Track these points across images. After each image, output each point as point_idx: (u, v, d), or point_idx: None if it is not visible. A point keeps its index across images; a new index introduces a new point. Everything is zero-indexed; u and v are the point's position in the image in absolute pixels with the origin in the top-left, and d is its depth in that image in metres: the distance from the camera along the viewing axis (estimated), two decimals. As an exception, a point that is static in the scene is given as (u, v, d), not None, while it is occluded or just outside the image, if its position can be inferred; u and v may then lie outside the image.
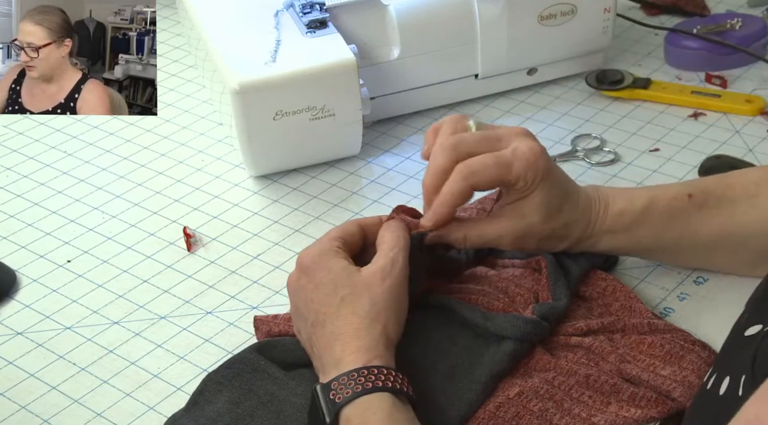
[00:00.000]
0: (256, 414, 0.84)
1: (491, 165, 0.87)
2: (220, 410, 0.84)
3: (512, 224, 0.91)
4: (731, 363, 0.73)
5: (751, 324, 0.74)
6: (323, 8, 1.17)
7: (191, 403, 0.86)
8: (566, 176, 0.92)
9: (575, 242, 0.93)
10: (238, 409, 0.84)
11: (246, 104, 1.09)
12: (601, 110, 1.24)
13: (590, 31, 1.25)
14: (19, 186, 1.18)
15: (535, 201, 0.89)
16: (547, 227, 0.91)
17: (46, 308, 1.01)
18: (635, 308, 0.92)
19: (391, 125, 1.24)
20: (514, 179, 0.88)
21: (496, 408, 0.83)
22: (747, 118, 1.20)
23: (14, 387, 0.92)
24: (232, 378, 0.86)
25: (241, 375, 0.87)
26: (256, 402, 0.84)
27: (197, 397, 0.86)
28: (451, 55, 1.21)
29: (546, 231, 0.91)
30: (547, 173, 0.89)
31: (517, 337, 0.86)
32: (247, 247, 1.07)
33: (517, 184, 0.88)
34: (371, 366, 0.79)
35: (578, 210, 0.92)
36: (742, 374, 0.69)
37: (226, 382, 0.86)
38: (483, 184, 0.88)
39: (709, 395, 0.74)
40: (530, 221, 0.90)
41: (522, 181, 0.88)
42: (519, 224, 0.90)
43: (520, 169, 0.87)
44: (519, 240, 0.91)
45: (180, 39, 1.43)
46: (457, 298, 0.91)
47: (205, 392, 0.86)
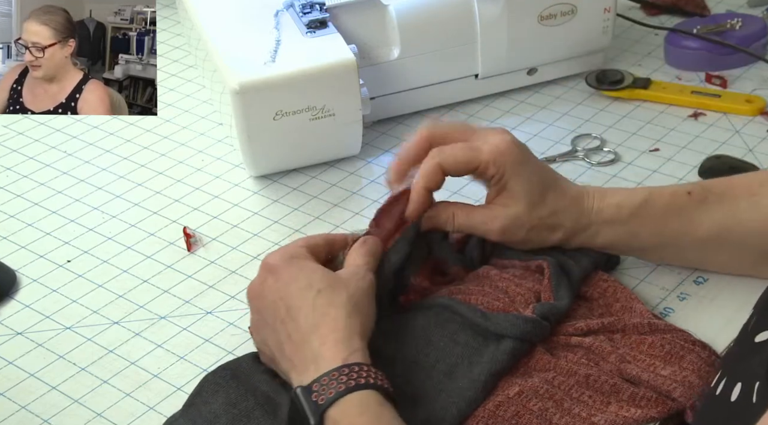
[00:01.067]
0: (252, 415, 0.83)
1: (461, 147, 0.91)
2: (216, 411, 0.84)
3: (497, 213, 0.92)
4: (742, 368, 0.72)
5: (762, 328, 0.74)
6: (323, 8, 1.17)
7: (188, 404, 0.86)
8: (546, 167, 0.94)
9: (570, 233, 0.93)
10: (234, 410, 0.84)
11: (246, 104, 1.09)
12: (601, 110, 1.24)
13: (590, 31, 1.25)
14: (19, 186, 1.18)
15: (515, 190, 0.91)
16: (533, 216, 0.92)
17: (46, 308, 1.01)
18: (635, 309, 0.92)
19: (391, 125, 1.24)
20: (484, 165, 0.90)
21: (496, 407, 0.83)
22: (747, 118, 1.20)
23: (14, 387, 0.92)
24: (229, 379, 0.86)
25: (238, 377, 0.87)
26: (253, 403, 0.84)
27: (194, 398, 0.86)
28: (451, 55, 1.21)
29: (533, 220, 0.92)
30: (521, 162, 0.91)
31: (517, 336, 0.86)
32: (247, 247, 1.07)
33: (488, 170, 0.90)
34: (352, 364, 0.78)
35: (566, 198, 0.92)
36: (755, 381, 0.68)
37: (223, 383, 0.86)
38: (451, 165, 0.90)
39: (720, 400, 0.73)
40: (513, 210, 0.92)
41: (492, 167, 0.90)
42: (503, 213, 0.92)
43: (489, 155, 0.90)
44: (506, 230, 0.92)
45: (180, 39, 1.43)
46: (458, 298, 0.91)
47: (203, 393, 0.86)
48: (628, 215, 0.93)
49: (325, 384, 0.77)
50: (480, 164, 0.90)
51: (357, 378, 0.76)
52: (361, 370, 0.77)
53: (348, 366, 0.77)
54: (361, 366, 0.78)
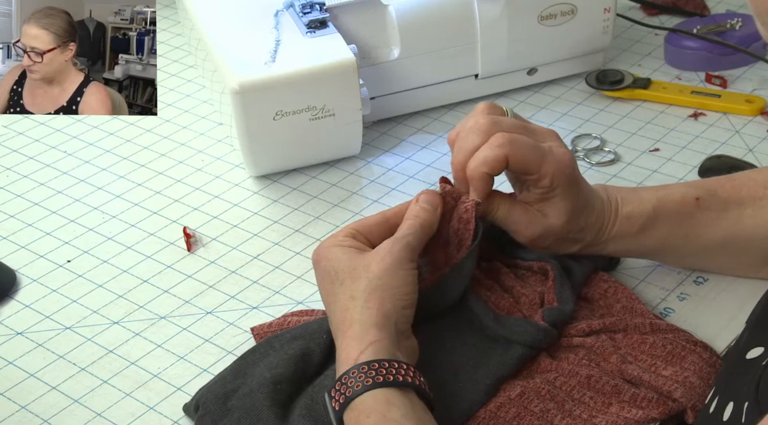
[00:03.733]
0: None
1: (529, 145, 0.87)
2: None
3: (536, 219, 0.90)
4: (734, 387, 0.72)
5: (752, 345, 0.74)
6: (323, 8, 1.17)
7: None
8: (588, 185, 0.92)
9: (585, 246, 0.93)
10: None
11: (246, 104, 1.09)
12: (601, 110, 1.24)
13: (590, 31, 1.25)
14: (19, 186, 1.18)
15: (559, 205, 0.89)
16: (565, 230, 0.91)
17: (46, 308, 1.01)
18: (636, 309, 0.92)
19: (391, 125, 1.24)
20: (543, 174, 0.87)
21: (497, 408, 0.83)
22: (747, 118, 1.20)
23: (14, 387, 0.92)
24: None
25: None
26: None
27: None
28: (451, 55, 1.21)
29: (563, 233, 0.91)
30: (574, 182, 0.89)
31: (527, 343, 0.86)
32: (247, 247, 1.07)
33: (542, 181, 0.88)
34: (361, 364, 0.76)
35: (593, 215, 0.91)
36: (745, 400, 0.68)
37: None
38: (516, 159, 0.86)
39: (713, 419, 0.73)
40: (552, 222, 0.90)
41: (548, 180, 0.88)
42: (542, 222, 0.90)
43: (552, 167, 0.87)
44: (536, 237, 0.91)
45: (180, 39, 1.43)
46: (473, 289, 0.90)
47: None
48: (638, 227, 0.92)
49: (341, 387, 0.77)
50: (540, 172, 0.87)
51: (364, 379, 0.76)
52: (369, 369, 0.76)
53: (357, 366, 0.77)
54: (369, 365, 0.76)
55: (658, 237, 0.93)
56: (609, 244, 0.93)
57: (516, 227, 0.91)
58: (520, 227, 0.91)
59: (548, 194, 0.89)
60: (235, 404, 0.84)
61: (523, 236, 0.91)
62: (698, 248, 0.94)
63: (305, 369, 0.86)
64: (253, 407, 0.82)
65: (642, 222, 0.92)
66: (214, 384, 0.86)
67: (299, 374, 0.85)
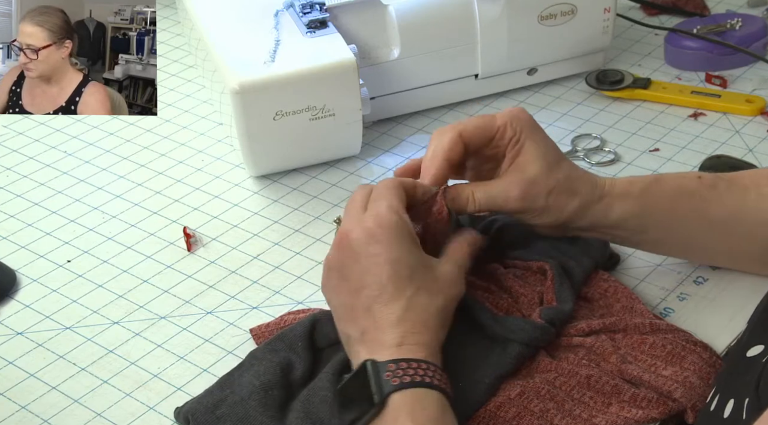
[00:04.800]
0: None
1: (476, 117, 0.93)
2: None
3: (515, 179, 0.91)
4: (734, 385, 0.72)
5: (752, 343, 0.74)
6: (323, 8, 1.17)
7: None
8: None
9: (586, 203, 0.91)
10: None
11: (246, 104, 1.09)
12: (601, 110, 1.24)
13: (590, 31, 1.25)
14: (19, 186, 1.18)
15: (530, 151, 0.90)
16: (551, 178, 0.90)
17: (46, 308, 1.01)
18: (636, 309, 0.92)
19: (391, 125, 1.24)
20: (501, 128, 0.90)
21: (497, 408, 0.83)
22: (747, 118, 1.20)
23: (14, 387, 0.92)
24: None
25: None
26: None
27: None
28: (451, 55, 1.21)
29: (551, 183, 0.90)
30: (535, 126, 0.92)
31: (524, 341, 0.86)
32: (247, 247, 1.07)
33: (505, 134, 0.90)
34: (430, 362, 0.79)
35: (579, 169, 0.92)
36: (745, 397, 0.68)
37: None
38: (470, 131, 0.90)
39: (714, 417, 0.73)
40: (531, 173, 0.90)
41: (509, 129, 0.90)
42: (521, 177, 0.90)
43: (506, 117, 0.91)
44: (526, 195, 0.90)
45: (180, 39, 1.43)
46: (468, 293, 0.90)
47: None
48: (639, 190, 0.92)
49: (402, 369, 0.78)
50: (497, 128, 0.90)
51: (431, 377, 0.79)
52: (435, 371, 0.80)
53: (426, 362, 0.79)
54: (436, 368, 0.80)
55: (663, 205, 0.92)
56: (612, 206, 0.92)
57: (503, 196, 0.91)
58: (506, 193, 0.91)
59: (517, 145, 0.91)
60: (225, 412, 0.84)
61: (514, 200, 0.91)
62: (704, 226, 0.92)
63: (292, 374, 0.86)
64: (246, 415, 0.83)
65: (643, 186, 0.92)
66: (202, 397, 0.87)
67: (288, 380, 0.86)
